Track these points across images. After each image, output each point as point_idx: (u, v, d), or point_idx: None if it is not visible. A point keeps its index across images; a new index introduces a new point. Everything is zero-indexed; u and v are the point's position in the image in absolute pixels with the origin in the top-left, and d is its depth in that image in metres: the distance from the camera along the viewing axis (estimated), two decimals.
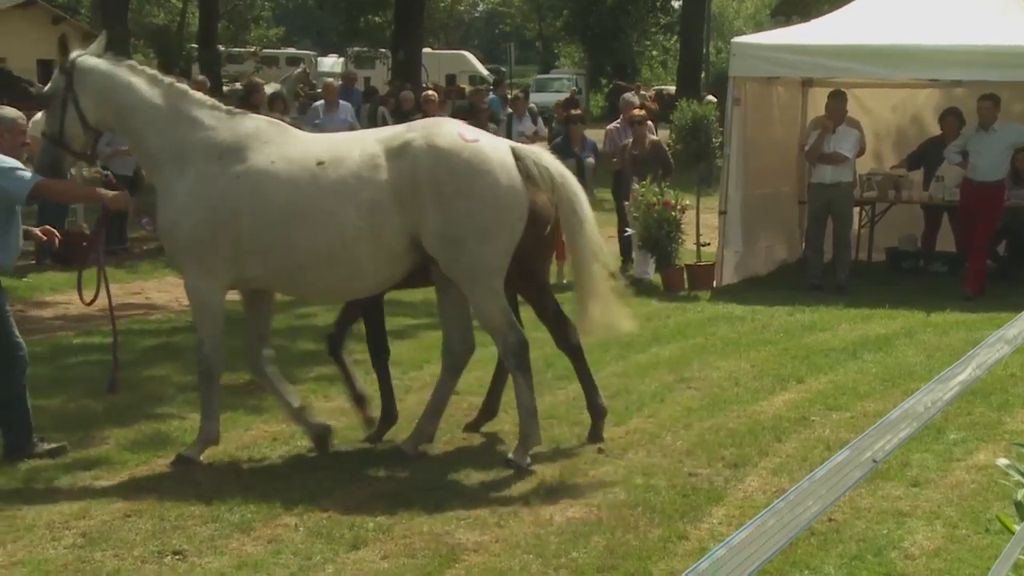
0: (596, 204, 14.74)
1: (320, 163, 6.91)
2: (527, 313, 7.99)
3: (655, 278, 13.75)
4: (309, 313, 11.68)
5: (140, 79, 7.07)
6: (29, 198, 7.18)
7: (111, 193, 7.41)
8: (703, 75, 41.62)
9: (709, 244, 14.22)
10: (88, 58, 7.13)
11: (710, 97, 20.28)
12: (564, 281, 13.78)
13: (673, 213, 13.27)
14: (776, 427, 7.98)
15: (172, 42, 46.29)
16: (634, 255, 14.22)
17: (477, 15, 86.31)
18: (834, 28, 14.23)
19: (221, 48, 32.49)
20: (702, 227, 14.02)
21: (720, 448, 7.51)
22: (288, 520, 6.22)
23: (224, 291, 7.16)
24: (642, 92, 32.27)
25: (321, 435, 7.41)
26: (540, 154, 7.12)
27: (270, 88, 23.18)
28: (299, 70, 42.23)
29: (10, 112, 7.57)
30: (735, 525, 6.15)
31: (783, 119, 15.22)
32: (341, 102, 17.85)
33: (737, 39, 14.53)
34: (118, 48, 23.63)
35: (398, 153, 6.88)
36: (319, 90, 23.66)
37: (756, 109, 14.27)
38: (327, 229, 6.86)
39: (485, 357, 10.10)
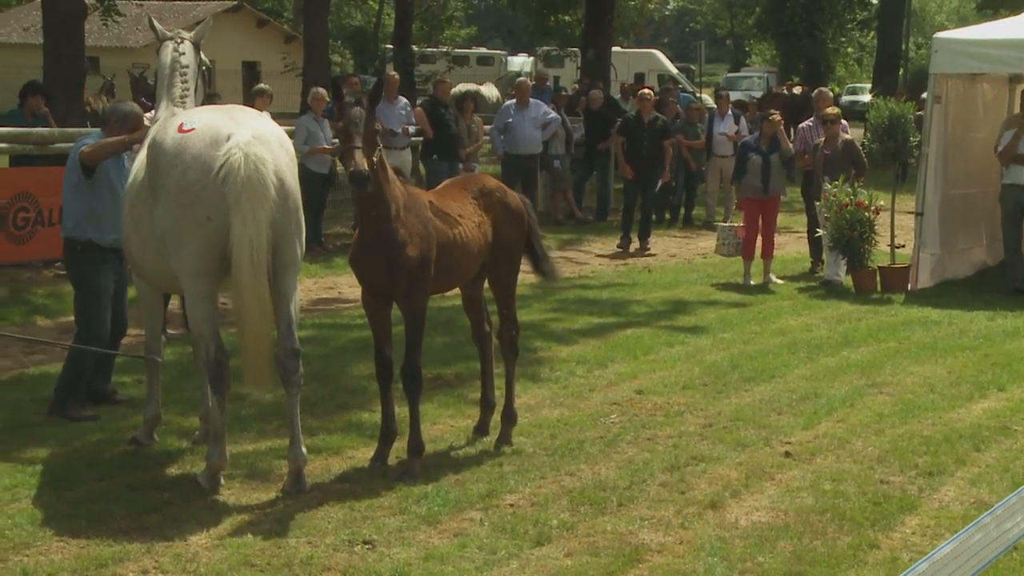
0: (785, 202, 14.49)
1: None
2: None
3: (846, 280, 13.46)
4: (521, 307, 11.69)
5: None
6: (85, 168, 7.80)
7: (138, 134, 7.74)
8: (901, 72, 40.44)
9: (904, 246, 13.84)
10: None
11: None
12: (752, 283, 13.61)
13: (866, 214, 12.95)
14: (974, 436, 7.70)
15: (368, 42, 47.41)
16: (825, 256, 13.95)
17: (668, 13, 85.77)
18: None
19: (415, 48, 33.07)
20: (897, 228, 13.65)
21: (914, 456, 7.29)
22: (473, 514, 6.31)
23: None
24: (794, 90, 31.24)
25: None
26: (248, 144, 6.36)
27: (467, 87, 23.46)
28: (510, 73, 42.77)
29: (125, 107, 8.21)
30: (930, 536, 5.98)
31: (987, 117, 14.66)
32: (532, 100, 17.96)
33: (939, 34, 14.07)
34: (318, 48, 24.45)
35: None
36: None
37: (958, 107, 13.80)
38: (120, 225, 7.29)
39: (671, 356, 10.05)
